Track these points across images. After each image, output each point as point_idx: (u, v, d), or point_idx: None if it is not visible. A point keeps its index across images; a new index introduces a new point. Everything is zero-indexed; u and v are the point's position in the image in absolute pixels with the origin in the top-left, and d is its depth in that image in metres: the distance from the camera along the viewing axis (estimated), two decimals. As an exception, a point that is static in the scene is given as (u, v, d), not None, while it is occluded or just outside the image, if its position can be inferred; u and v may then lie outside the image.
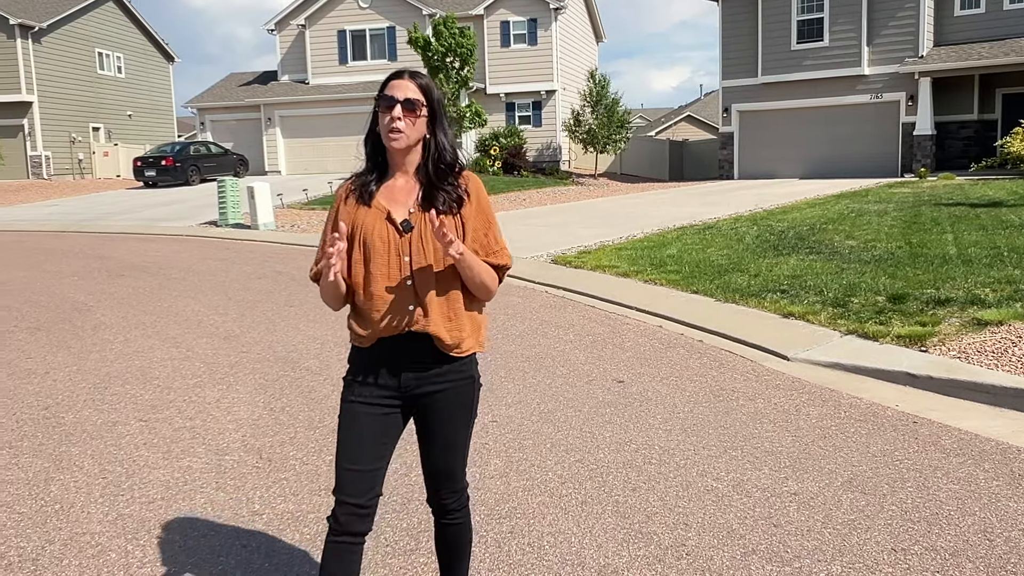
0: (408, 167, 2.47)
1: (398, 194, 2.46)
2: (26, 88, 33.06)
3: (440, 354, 2.45)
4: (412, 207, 2.44)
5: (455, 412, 2.54)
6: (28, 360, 6.83)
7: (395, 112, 2.38)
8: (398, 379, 2.46)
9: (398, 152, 2.44)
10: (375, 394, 2.47)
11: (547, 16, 32.27)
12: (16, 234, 17.92)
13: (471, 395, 2.57)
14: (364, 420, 2.46)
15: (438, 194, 2.43)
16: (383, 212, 2.43)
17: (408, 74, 2.45)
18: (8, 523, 3.77)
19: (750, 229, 13.10)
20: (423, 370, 2.46)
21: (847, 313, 7.12)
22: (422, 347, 2.43)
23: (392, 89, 2.41)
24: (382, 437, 2.49)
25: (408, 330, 2.41)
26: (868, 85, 26.71)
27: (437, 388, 2.48)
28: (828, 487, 3.95)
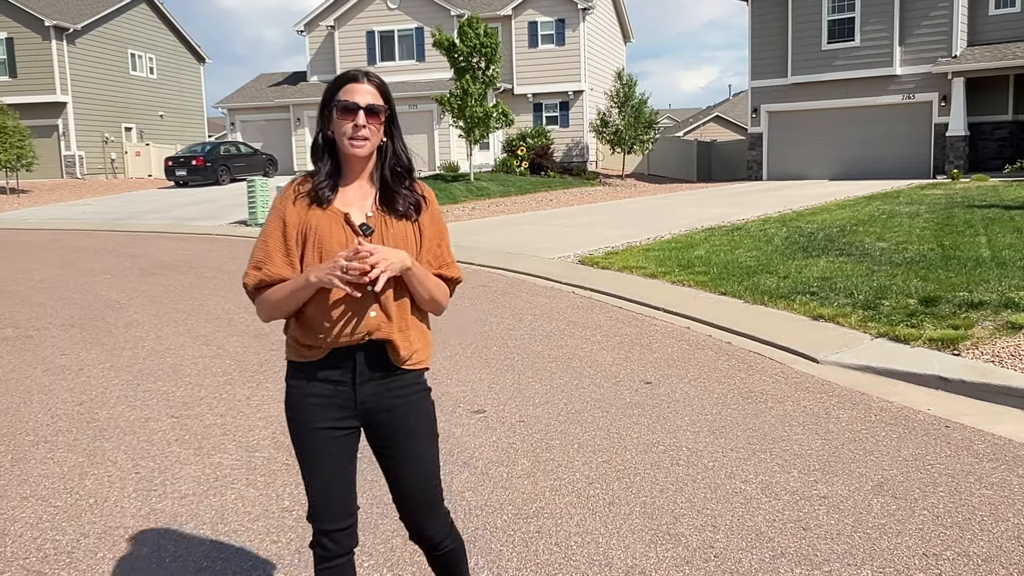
0: (364, 173, 2.36)
1: (353, 198, 2.33)
2: (60, 89, 33.57)
3: (393, 366, 2.32)
4: (369, 210, 2.33)
5: (419, 426, 2.38)
6: (63, 356, 6.94)
7: (359, 119, 2.26)
8: (355, 395, 2.31)
9: (358, 159, 2.32)
10: (332, 416, 2.31)
11: (575, 16, 32.23)
12: (51, 232, 18.21)
13: (431, 408, 2.42)
14: (328, 447, 2.33)
15: (397, 197, 2.34)
16: (339, 214, 2.29)
17: (365, 76, 2.32)
18: (44, 516, 3.84)
19: (779, 230, 13.00)
20: (381, 384, 2.32)
21: (878, 316, 7.05)
22: (378, 358, 2.30)
23: (352, 94, 2.27)
24: (348, 457, 2.37)
25: (368, 339, 2.27)
26: (900, 85, 26.40)
27: (396, 403, 2.33)
28: (858, 491, 3.92)
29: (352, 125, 2.26)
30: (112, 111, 36.15)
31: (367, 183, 2.36)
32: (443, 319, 7.75)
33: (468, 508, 3.80)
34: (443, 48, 24.24)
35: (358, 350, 2.28)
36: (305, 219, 2.28)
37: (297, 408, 2.34)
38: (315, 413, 2.31)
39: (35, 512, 3.88)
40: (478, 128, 24.63)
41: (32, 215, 22.33)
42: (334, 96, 2.29)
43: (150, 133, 38.18)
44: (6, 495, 4.10)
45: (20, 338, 7.67)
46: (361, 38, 33.38)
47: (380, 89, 2.32)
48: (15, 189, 27.80)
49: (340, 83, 2.31)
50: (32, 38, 33.30)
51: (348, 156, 2.31)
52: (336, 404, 2.30)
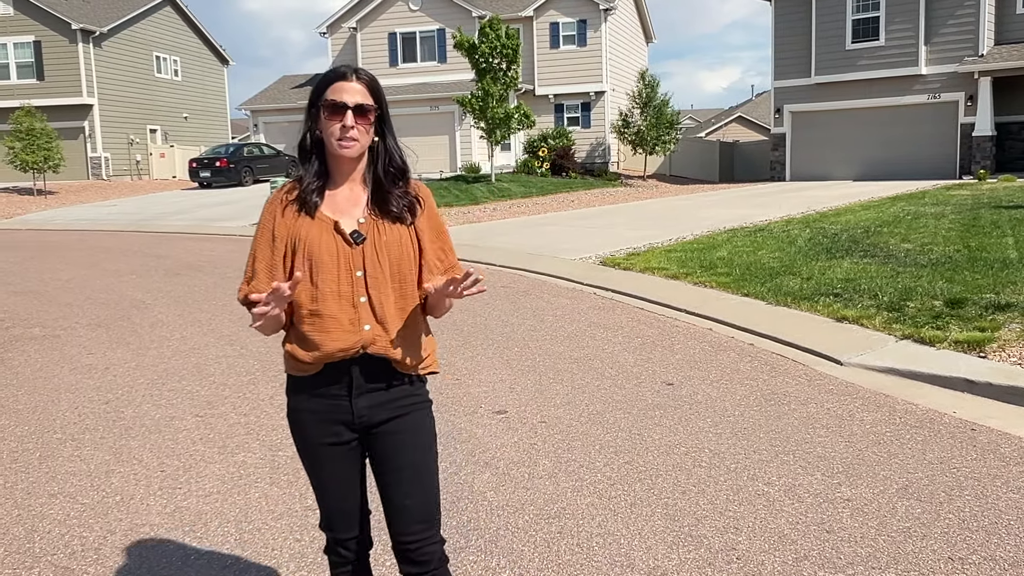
0: (355, 175, 2.25)
1: (343, 203, 2.22)
2: (87, 91, 33.96)
3: (394, 376, 2.25)
4: (361, 216, 2.22)
5: (418, 438, 2.29)
6: (89, 356, 7.03)
7: (347, 120, 2.15)
8: (351, 409, 2.24)
9: (347, 161, 2.22)
10: (332, 430, 2.26)
11: (597, 17, 32.18)
12: (78, 233, 18.43)
13: (430, 419, 2.34)
14: (331, 463, 2.29)
15: (390, 198, 2.23)
16: (329, 223, 2.19)
17: (353, 73, 2.19)
18: (72, 513, 3.89)
19: (802, 231, 12.91)
20: (379, 397, 2.24)
21: (903, 317, 6.99)
22: (375, 370, 2.22)
23: (338, 92, 2.16)
24: (351, 470, 2.32)
25: (362, 352, 2.19)
26: (925, 85, 26.15)
27: (394, 414, 2.26)
28: (882, 494, 3.89)
29: (340, 125, 2.15)
30: (137, 113, 36.52)
31: (358, 185, 2.26)
32: (464, 320, 7.78)
33: (490, 508, 3.81)
34: (464, 49, 24.29)
35: (353, 364, 2.21)
36: (294, 229, 2.19)
37: (298, 424, 2.31)
38: (316, 429, 2.27)
39: (63, 509, 3.94)
40: (499, 129, 24.66)
41: (59, 216, 22.60)
42: (321, 94, 2.19)
43: (174, 135, 38.54)
44: (35, 492, 4.15)
45: (48, 337, 7.78)
46: (383, 39, 33.52)
47: (370, 87, 2.21)
48: (42, 190, 28.16)
49: (328, 81, 2.20)
50: (59, 41, 33.71)
51: (337, 157, 2.21)
52: (334, 419, 2.25)
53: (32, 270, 12.37)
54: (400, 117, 25.65)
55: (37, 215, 23.08)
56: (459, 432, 4.84)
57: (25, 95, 31.86)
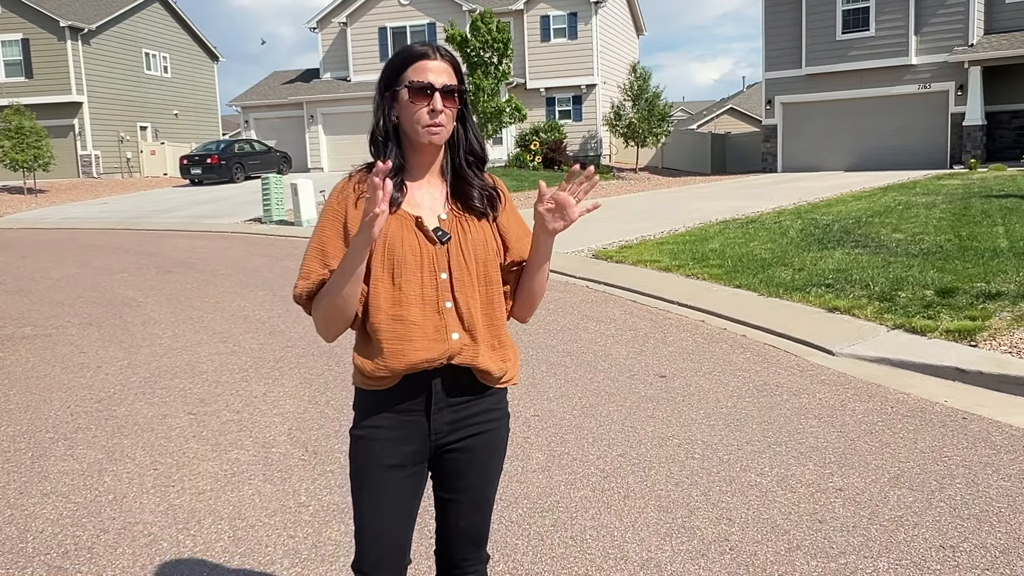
0: (434, 166, 2.04)
1: (421, 198, 2.02)
2: (76, 89, 33.79)
3: (479, 388, 2.04)
4: (443, 212, 2.02)
5: (492, 460, 2.11)
6: (81, 355, 7.01)
7: (436, 103, 1.93)
8: (429, 426, 2.01)
9: (430, 150, 2.01)
10: (402, 451, 2.01)
11: (587, 10, 32.13)
12: (69, 231, 18.35)
13: (506, 437, 2.15)
14: (394, 487, 2.02)
15: (472, 191, 2.04)
16: (410, 219, 1.97)
17: (435, 51, 1.98)
18: (64, 513, 3.88)
19: (794, 223, 12.94)
20: (459, 412, 2.03)
21: (894, 307, 7.01)
22: (458, 382, 2.01)
23: (423, 72, 1.94)
24: (412, 499, 2.07)
25: (447, 364, 1.97)
26: (916, 75, 26.19)
27: (473, 432, 2.05)
28: (874, 483, 3.90)
29: (429, 110, 1.93)
30: (127, 110, 36.36)
31: (437, 177, 2.05)
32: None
33: (483, 502, 3.81)
34: (455, 43, 24.25)
35: (435, 376, 1.98)
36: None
37: (366, 442, 2.02)
38: (383, 448, 2.00)
39: (56, 508, 3.93)
40: (491, 123, 24.65)
41: (49, 215, 22.51)
42: (399, 75, 1.96)
43: (165, 132, 38.38)
44: (27, 491, 4.14)
45: (39, 336, 7.75)
46: (374, 34, 33.42)
47: (454, 65, 1.99)
48: (32, 189, 28.02)
49: (406, 60, 1.97)
50: (47, 39, 33.53)
51: (419, 146, 1.99)
52: (407, 437, 2.01)
53: (23, 269, 12.32)
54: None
55: (27, 214, 22.97)
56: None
57: (14, 93, 31.69)
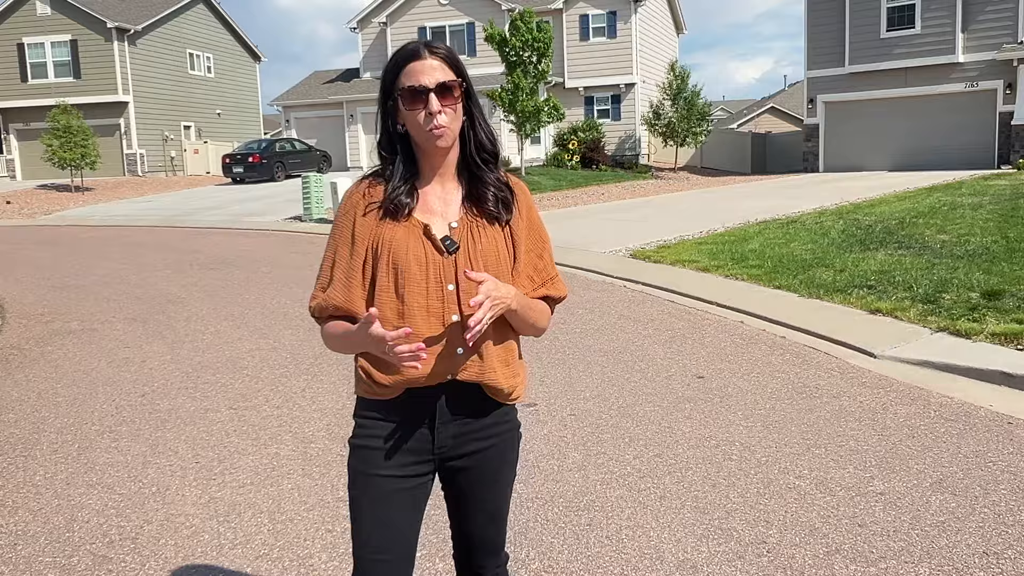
0: (446, 168, 1.94)
1: (432, 203, 1.92)
2: (122, 89, 34.44)
3: (486, 403, 1.96)
4: (454, 219, 1.91)
5: (502, 472, 2.05)
6: (126, 349, 7.15)
7: (432, 105, 1.83)
8: (432, 439, 1.94)
9: (439, 152, 1.91)
10: (404, 461, 1.93)
11: (627, 9, 31.99)
12: (114, 229, 18.72)
13: (517, 448, 2.08)
14: (395, 498, 1.94)
15: (487, 191, 1.93)
16: (417, 226, 1.89)
17: (426, 48, 1.88)
18: (109, 503, 3.96)
19: (835, 223, 12.77)
20: (465, 425, 1.96)
21: (938, 310, 6.89)
22: (465, 396, 1.93)
23: (415, 75, 1.84)
24: (415, 513, 1.99)
25: (452, 379, 1.90)
26: (963, 73, 25.69)
27: (481, 446, 1.98)
28: (916, 488, 3.84)
29: (425, 113, 1.84)
30: (171, 110, 36.97)
31: (451, 181, 1.95)
32: (494, 313, 7.79)
33: (519, 500, 3.82)
34: (495, 43, 24.28)
35: (440, 390, 1.92)
36: (377, 233, 1.89)
37: (365, 451, 1.95)
38: (385, 459, 1.93)
39: (101, 499, 4.02)
40: (529, 122, 24.64)
41: (96, 212, 22.98)
42: (395, 82, 1.87)
43: (208, 131, 38.96)
44: (74, 482, 4.24)
45: (85, 331, 7.92)
46: (413, 34, 33.54)
47: (448, 60, 1.88)
48: (79, 187, 28.62)
49: (399, 64, 1.88)
50: (95, 40, 34.22)
51: (428, 151, 1.90)
52: (409, 448, 1.94)
53: (70, 265, 12.59)
54: (430, 111, 25.65)
55: (74, 211, 23.47)
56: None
57: (62, 93, 32.40)
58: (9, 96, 34.88)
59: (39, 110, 32.54)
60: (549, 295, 2.01)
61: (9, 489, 4.19)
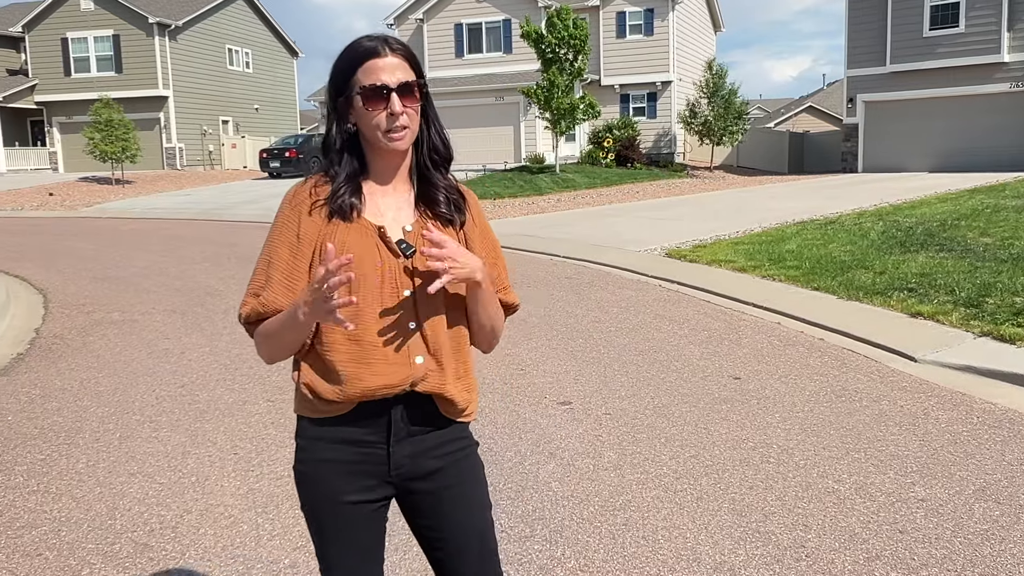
0: (401, 170, 1.83)
1: (386, 205, 1.81)
2: (163, 83, 34.94)
3: (439, 420, 1.83)
4: (407, 223, 1.81)
5: (474, 489, 1.89)
6: (166, 340, 7.25)
7: (394, 105, 1.72)
8: (387, 458, 1.79)
9: (397, 154, 1.80)
10: (360, 486, 1.80)
11: (664, 6, 31.78)
12: (155, 222, 19.00)
13: (482, 468, 1.92)
14: (354, 526, 1.82)
15: (438, 193, 1.83)
16: (371, 228, 1.76)
17: (385, 44, 1.76)
18: (150, 492, 4.02)
19: (875, 224, 12.60)
20: (421, 442, 1.82)
21: (981, 314, 6.77)
22: (420, 411, 1.80)
23: (374, 73, 1.73)
24: (379, 535, 1.88)
25: (409, 391, 1.77)
26: (1007, 73, 25.20)
27: (442, 463, 1.84)
28: (959, 495, 3.78)
29: (387, 114, 1.73)
30: (210, 104, 37.42)
31: (404, 183, 1.85)
32: (529, 311, 7.79)
33: (555, 498, 3.82)
34: (531, 40, 24.25)
35: (395, 403, 1.77)
36: (326, 233, 1.76)
37: (312, 478, 1.81)
38: (337, 484, 1.79)
39: (142, 488, 4.08)
40: (564, 120, 24.59)
41: (136, 205, 23.33)
42: (350, 79, 1.75)
43: (245, 126, 39.38)
44: (116, 471, 4.31)
45: (126, 322, 8.04)
46: (449, 30, 33.65)
47: (409, 59, 1.78)
48: (120, 180, 29.08)
49: (356, 61, 1.75)
50: (136, 35, 34.74)
51: (382, 152, 1.79)
52: (363, 471, 1.79)
53: (112, 257, 12.80)
54: (465, 108, 26.10)
55: (115, 203, 23.85)
56: (524, 422, 4.86)
57: (104, 87, 32.98)
58: (52, 90, 35.55)
59: (81, 104, 33.12)
60: (504, 300, 1.91)
61: (53, 476, 4.27)
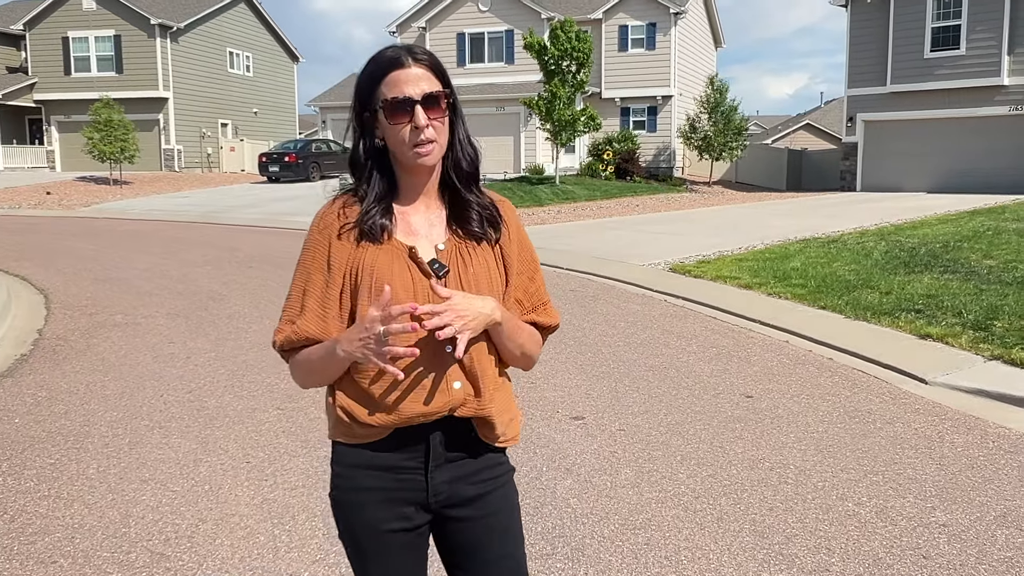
0: (430, 187, 1.77)
1: (417, 224, 1.75)
2: (163, 85, 34.87)
3: (479, 446, 1.78)
4: (441, 241, 1.75)
5: (512, 519, 1.83)
6: (170, 345, 7.19)
7: (419, 118, 1.66)
8: (426, 485, 1.75)
9: (425, 170, 1.73)
10: (399, 513, 1.75)
11: (667, 21, 31.92)
12: (153, 223, 18.92)
13: (517, 493, 1.88)
14: (398, 555, 1.77)
15: (470, 210, 1.76)
16: (402, 250, 1.71)
17: (408, 54, 1.69)
18: (164, 500, 3.97)
19: (878, 244, 12.62)
20: (460, 468, 1.77)
21: (990, 337, 6.77)
22: (459, 436, 1.76)
23: (399, 85, 1.66)
24: (420, 560, 1.83)
25: (449, 414, 1.72)
26: (1007, 96, 25.32)
27: (481, 490, 1.78)
28: (980, 520, 3.76)
29: (411, 128, 1.67)
30: (210, 107, 37.36)
31: (435, 200, 1.78)
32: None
33: (574, 515, 3.79)
34: (534, 51, 24.30)
35: (433, 429, 1.73)
36: (356, 257, 1.71)
37: (351, 506, 1.77)
38: (377, 512, 1.75)
39: (155, 495, 4.03)
40: (565, 131, 24.63)
41: (134, 206, 23.24)
42: (374, 92, 1.69)
43: (244, 129, 39.32)
44: (127, 477, 4.26)
45: (130, 324, 7.98)
46: (452, 39, 33.71)
47: (434, 68, 1.71)
48: (118, 180, 28.98)
49: (379, 72, 1.69)
50: (138, 35, 34.68)
51: (411, 168, 1.73)
52: (402, 498, 1.75)
53: (112, 258, 12.73)
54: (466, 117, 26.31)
55: (114, 204, 23.75)
56: (538, 437, 4.82)
57: (105, 87, 32.89)
58: (52, 89, 35.44)
59: (80, 103, 33.03)
60: (539, 322, 1.83)
61: (64, 481, 4.22)
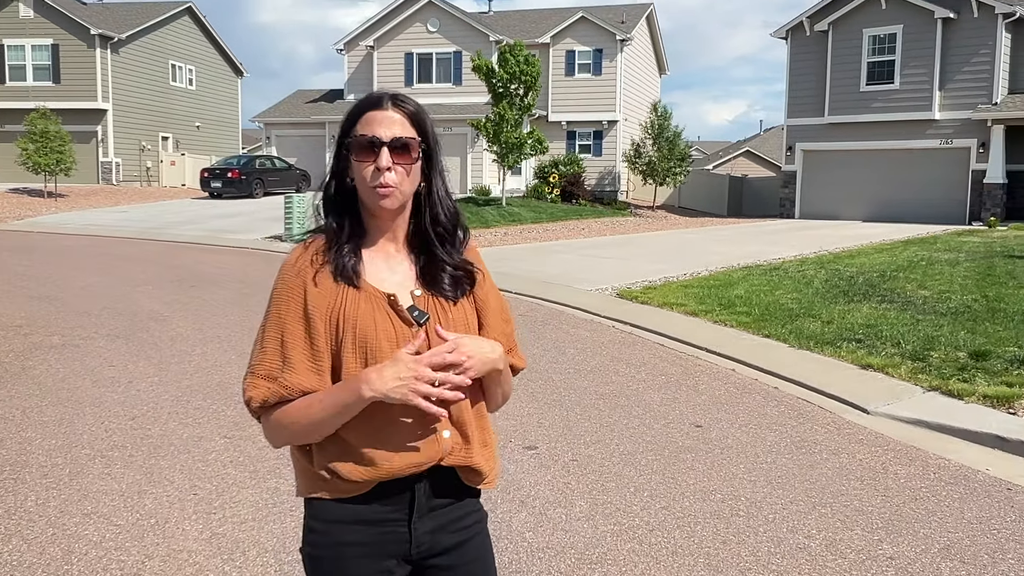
0: (396, 231, 1.75)
1: (385, 270, 1.73)
2: (102, 96, 34.08)
3: (461, 491, 1.77)
4: (413, 287, 1.73)
5: (487, 566, 1.83)
6: (111, 368, 7.00)
7: (382, 160, 1.65)
8: (409, 536, 1.71)
9: (386, 213, 1.71)
10: (381, 567, 1.70)
11: (613, 47, 32.42)
12: (90, 239, 18.42)
13: (489, 537, 1.88)
14: None
15: (442, 274, 1.75)
16: (380, 297, 1.68)
17: (391, 100, 1.71)
18: (107, 535, 3.85)
19: (818, 272, 12.93)
20: (441, 518, 1.75)
21: (928, 368, 6.97)
22: (443, 484, 1.74)
23: (371, 124, 1.68)
24: None
25: (438, 463, 1.70)
26: (938, 130, 26.30)
27: (460, 538, 1.77)
28: (925, 553, 3.85)
29: (373, 168, 1.65)
30: (150, 120, 36.63)
31: (403, 247, 1.77)
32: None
33: (530, 550, 3.78)
34: (482, 73, 24.44)
35: (419, 478, 1.70)
36: (335, 306, 1.66)
37: (331, 562, 1.70)
38: (359, 567, 1.69)
39: (98, 530, 3.90)
40: (512, 154, 24.78)
41: (70, 220, 22.61)
42: (350, 130, 1.71)
43: (186, 143, 38.63)
44: (68, 510, 4.12)
45: (67, 346, 7.75)
46: (400, 59, 33.73)
47: (412, 117, 1.71)
48: (52, 193, 28.18)
49: (358, 110, 1.73)
50: (77, 45, 33.88)
51: (372, 209, 1.71)
52: (385, 551, 1.70)
53: (47, 275, 12.35)
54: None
55: (48, 218, 23.09)
56: (491, 467, 4.80)
57: (40, 97, 31.97)
58: (-15, 97, 34.38)
59: (15, 112, 32.06)
60: (514, 364, 1.84)
61: (0, 514, 4.05)
